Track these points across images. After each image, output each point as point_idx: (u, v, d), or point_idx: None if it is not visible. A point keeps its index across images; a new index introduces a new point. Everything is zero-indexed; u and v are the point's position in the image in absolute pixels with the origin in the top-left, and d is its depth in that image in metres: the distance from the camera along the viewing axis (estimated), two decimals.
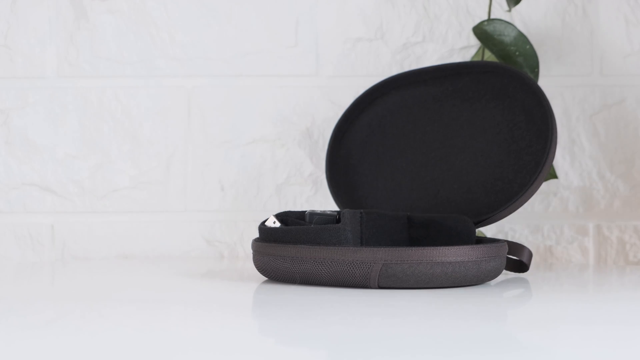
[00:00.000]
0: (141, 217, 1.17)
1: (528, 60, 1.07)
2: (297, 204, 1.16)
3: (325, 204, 1.15)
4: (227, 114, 1.17)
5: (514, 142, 0.97)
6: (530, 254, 0.95)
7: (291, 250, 0.88)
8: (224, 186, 1.17)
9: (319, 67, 1.17)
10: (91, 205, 1.16)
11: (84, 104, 1.17)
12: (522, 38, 1.07)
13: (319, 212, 0.91)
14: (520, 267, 0.96)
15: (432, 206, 1.00)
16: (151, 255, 1.16)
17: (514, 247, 0.94)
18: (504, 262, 0.90)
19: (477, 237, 0.94)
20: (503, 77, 1.00)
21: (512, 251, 0.94)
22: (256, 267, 0.91)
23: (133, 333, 0.68)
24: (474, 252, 0.86)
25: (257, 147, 1.17)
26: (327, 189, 1.08)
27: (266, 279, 0.92)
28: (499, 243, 0.89)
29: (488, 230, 1.14)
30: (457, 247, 0.86)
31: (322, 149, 1.16)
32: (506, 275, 0.96)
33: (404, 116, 1.04)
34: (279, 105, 1.17)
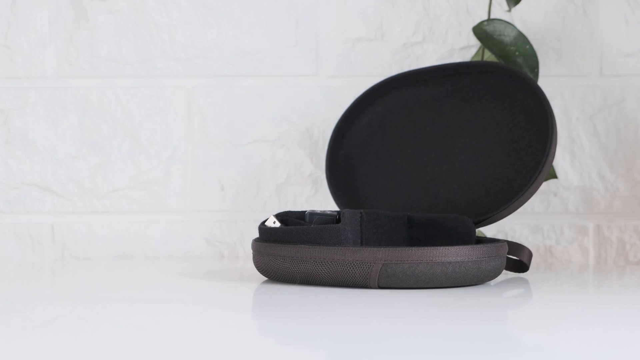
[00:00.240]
0: (141, 217, 1.17)
1: (528, 60, 1.07)
2: (297, 204, 1.16)
3: (325, 204, 1.15)
4: (227, 114, 1.17)
5: (514, 142, 0.97)
6: (530, 254, 0.95)
7: (291, 250, 0.88)
8: (224, 186, 1.17)
9: (319, 67, 1.17)
10: (91, 205, 1.16)
11: (84, 104, 1.17)
12: (522, 38, 1.07)
13: (319, 212, 0.91)
14: (520, 267, 0.96)
15: (432, 206, 1.00)
16: (151, 255, 1.16)
17: (514, 247, 0.94)
18: (504, 262, 0.90)
19: (477, 237, 0.94)
20: (503, 77, 1.00)
21: (512, 251, 0.94)
22: (256, 267, 0.91)
23: (133, 333, 0.68)
24: (474, 252, 0.86)
25: (257, 147, 1.17)
26: (327, 189, 1.08)
27: (266, 279, 0.92)
28: (499, 243, 0.89)
29: (488, 230, 1.14)
30: (457, 247, 0.86)
31: (322, 149, 1.16)
32: (506, 275, 0.96)
33: (404, 116, 1.04)
34: (279, 105, 1.17)
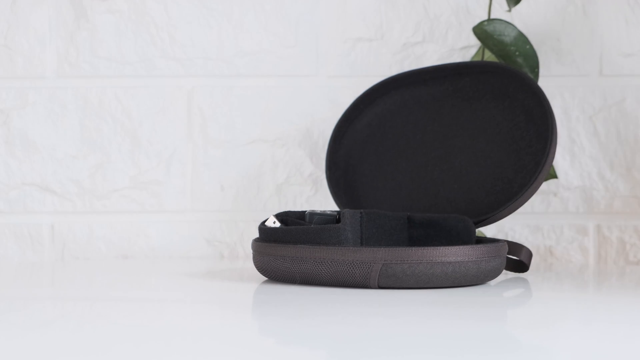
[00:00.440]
0: (141, 217, 1.17)
1: (528, 60, 1.07)
2: (297, 204, 1.16)
3: (325, 204, 1.15)
4: (227, 114, 1.17)
5: (514, 142, 0.97)
6: (530, 253, 0.95)
7: (291, 250, 0.88)
8: (224, 186, 1.17)
9: (319, 67, 1.17)
10: (91, 205, 1.16)
11: (84, 104, 1.17)
12: (522, 38, 1.07)
13: (319, 212, 0.91)
14: (520, 267, 0.96)
15: (432, 206, 1.00)
16: (151, 255, 1.16)
17: (514, 247, 0.94)
18: (504, 262, 0.90)
19: (477, 237, 0.94)
20: (503, 77, 1.00)
21: (511, 251, 0.94)
22: (256, 267, 0.91)
23: (133, 333, 0.68)
24: (474, 252, 0.86)
25: (257, 147, 1.17)
26: (327, 189, 1.08)
27: (266, 279, 0.92)
28: (499, 243, 0.89)
29: (488, 230, 1.14)
30: (457, 247, 0.86)
31: (322, 149, 1.16)
32: (506, 275, 0.96)
33: (404, 116, 1.04)
34: (279, 105, 1.17)
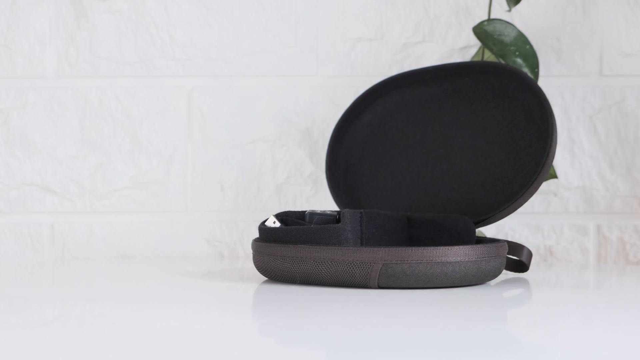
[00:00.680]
0: (141, 217, 1.17)
1: (528, 60, 1.07)
2: (297, 204, 1.16)
3: (325, 204, 1.15)
4: (227, 114, 1.17)
5: (514, 142, 0.97)
6: (530, 253, 0.95)
7: (291, 250, 0.88)
8: (224, 186, 1.17)
9: (319, 67, 1.17)
10: (91, 205, 1.16)
11: (84, 104, 1.17)
12: (522, 38, 1.07)
13: (319, 212, 0.91)
14: (520, 267, 0.96)
15: (432, 206, 1.00)
16: (151, 255, 1.16)
17: (514, 247, 0.94)
18: (504, 262, 0.90)
19: (477, 237, 0.94)
20: (503, 77, 1.00)
21: (511, 251, 0.94)
22: (256, 267, 0.91)
23: (133, 333, 0.68)
24: (474, 252, 0.86)
25: (257, 147, 1.17)
26: (327, 189, 1.08)
27: (266, 279, 0.92)
28: (499, 243, 0.89)
29: (488, 230, 1.14)
30: (457, 247, 0.86)
31: (322, 149, 1.16)
32: (506, 275, 0.96)
33: (404, 116, 1.04)
34: (279, 105, 1.17)
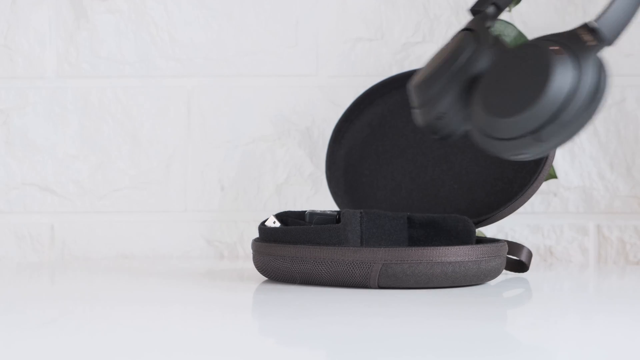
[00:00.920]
0: (141, 217, 1.17)
1: None
2: (297, 204, 1.16)
3: (325, 204, 1.15)
4: (227, 114, 1.17)
5: None
6: (530, 253, 0.95)
7: (291, 250, 0.88)
8: (224, 186, 1.17)
9: (319, 67, 1.17)
10: (91, 205, 1.16)
11: (84, 104, 1.17)
12: (522, 38, 1.07)
13: (319, 212, 0.91)
14: (520, 267, 0.96)
15: (432, 206, 1.00)
16: (151, 255, 1.16)
17: (514, 247, 0.95)
18: (504, 262, 0.90)
19: (477, 237, 0.94)
20: None
21: (511, 251, 0.94)
22: (256, 267, 0.91)
23: (133, 333, 0.68)
24: (474, 252, 0.86)
25: (257, 147, 1.17)
26: (327, 189, 1.08)
27: (266, 279, 0.92)
28: (499, 243, 0.89)
29: (488, 230, 1.14)
30: (457, 247, 0.86)
31: (322, 149, 1.16)
32: (506, 275, 0.96)
33: (404, 116, 1.04)
34: (279, 105, 1.17)
